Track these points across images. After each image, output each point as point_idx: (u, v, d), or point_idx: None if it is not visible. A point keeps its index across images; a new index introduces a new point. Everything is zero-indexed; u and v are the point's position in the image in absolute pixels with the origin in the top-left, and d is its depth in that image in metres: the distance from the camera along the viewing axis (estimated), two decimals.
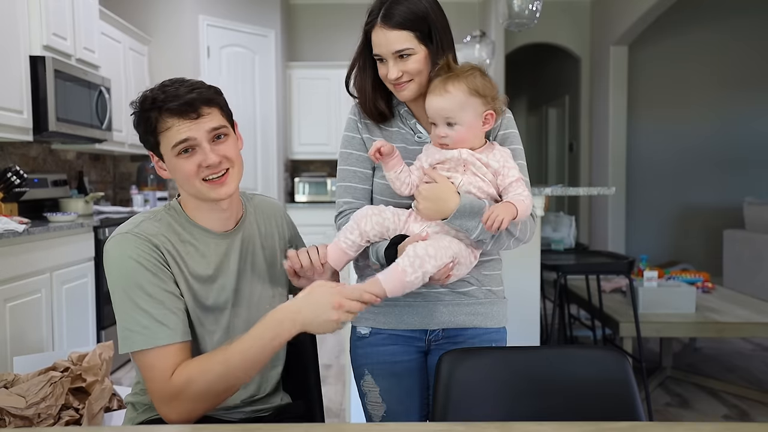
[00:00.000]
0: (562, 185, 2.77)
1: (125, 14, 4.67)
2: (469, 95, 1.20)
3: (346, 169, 1.37)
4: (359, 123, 1.37)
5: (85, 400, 1.72)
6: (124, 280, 1.12)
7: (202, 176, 1.16)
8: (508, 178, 1.21)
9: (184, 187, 1.20)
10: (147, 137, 1.18)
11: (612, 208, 6.12)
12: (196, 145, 1.15)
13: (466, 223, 1.18)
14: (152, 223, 1.19)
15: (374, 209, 1.25)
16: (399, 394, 1.37)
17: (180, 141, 1.14)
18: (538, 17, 3.09)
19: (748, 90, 6.25)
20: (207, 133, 1.15)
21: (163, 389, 1.08)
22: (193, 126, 1.14)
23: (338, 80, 5.81)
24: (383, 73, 1.29)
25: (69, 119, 3.38)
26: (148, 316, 1.10)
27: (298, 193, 5.77)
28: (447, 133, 1.21)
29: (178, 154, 1.15)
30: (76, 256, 3.08)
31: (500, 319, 1.38)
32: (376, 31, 1.26)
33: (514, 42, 6.32)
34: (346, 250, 1.25)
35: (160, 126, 1.14)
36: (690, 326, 3.02)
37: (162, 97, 1.13)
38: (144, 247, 1.14)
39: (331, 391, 3.14)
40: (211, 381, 1.07)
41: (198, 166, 1.16)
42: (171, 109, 1.13)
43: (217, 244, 1.24)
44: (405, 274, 1.13)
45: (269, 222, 1.35)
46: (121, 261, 1.13)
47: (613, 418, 1.09)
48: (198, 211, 1.23)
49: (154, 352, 1.09)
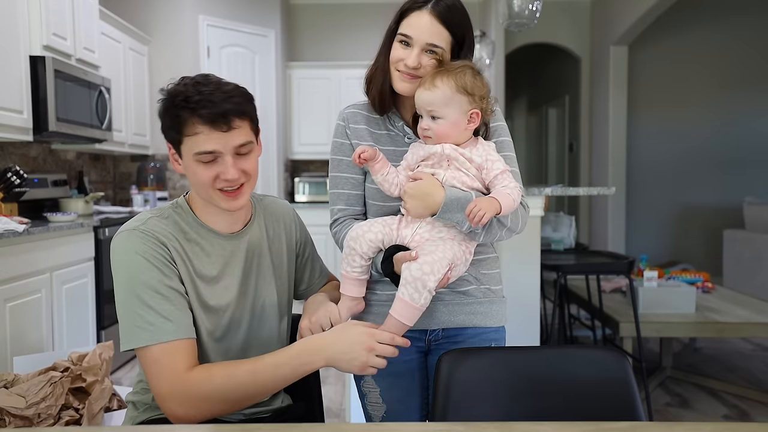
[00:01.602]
0: (562, 185, 2.77)
1: (125, 14, 4.67)
2: (455, 92, 1.20)
3: (338, 176, 1.37)
4: (347, 129, 1.36)
5: (85, 400, 1.72)
6: (130, 277, 1.11)
7: (218, 186, 1.15)
8: (493, 171, 1.22)
9: (196, 190, 1.19)
10: (170, 132, 1.15)
11: (612, 208, 6.12)
12: (219, 156, 1.13)
13: (456, 215, 1.19)
14: (159, 221, 1.17)
15: (363, 228, 1.25)
16: (399, 394, 1.37)
17: (205, 152, 1.11)
18: (538, 17, 3.09)
19: (748, 90, 6.25)
20: (234, 148, 1.13)
21: (174, 384, 1.06)
22: (222, 138, 1.11)
23: (338, 80, 5.81)
24: (400, 56, 1.26)
25: (69, 119, 3.38)
26: (154, 312, 1.08)
27: (298, 193, 5.77)
28: (430, 126, 1.22)
29: (198, 161, 1.13)
30: (76, 256, 3.08)
31: (500, 318, 1.38)
32: (419, 14, 1.24)
33: (514, 42, 6.32)
34: (359, 277, 1.27)
35: (188, 128, 1.11)
36: (690, 326, 3.02)
37: (196, 98, 1.09)
38: (151, 243, 1.12)
39: (331, 391, 3.14)
40: (233, 386, 1.06)
41: (216, 176, 1.14)
42: (203, 116, 1.09)
43: (222, 245, 1.23)
44: (413, 301, 1.16)
45: (278, 224, 1.34)
46: (128, 257, 1.12)
47: (613, 418, 1.09)
48: (206, 212, 1.22)
49: (159, 348, 1.07)
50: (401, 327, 1.18)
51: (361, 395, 1.41)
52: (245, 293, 1.24)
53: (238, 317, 1.23)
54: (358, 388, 1.41)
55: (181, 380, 1.06)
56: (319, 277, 1.42)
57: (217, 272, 1.21)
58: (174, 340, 1.08)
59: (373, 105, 1.35)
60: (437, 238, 1.22)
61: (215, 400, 1.06)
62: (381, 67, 1.31)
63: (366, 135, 1.35)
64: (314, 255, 1.42)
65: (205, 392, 1.06)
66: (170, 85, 1.15)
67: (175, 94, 1.12)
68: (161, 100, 1.14)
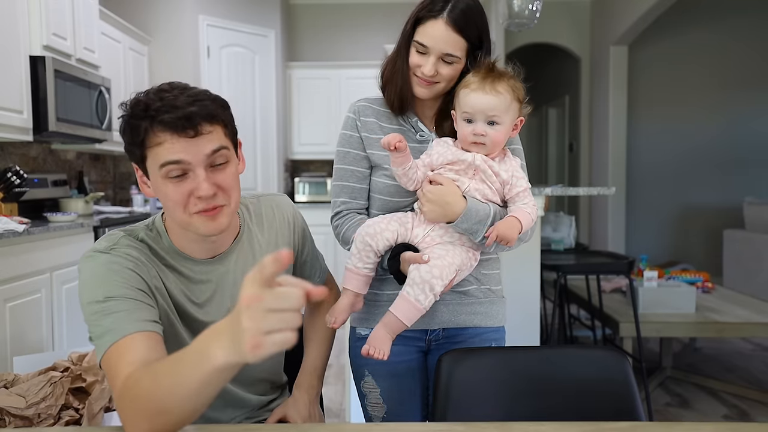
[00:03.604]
0: (562, 185, 2.76)
1: (125, 14, 4.67)
2: (513, 99, 1.21)
3: (344, 168, 1.36)
4: (358, 121, 1.35)
5: (85, 400, 1.72)
6: (92, 295, 0.96)
7: (193, 210, 1.00)
8: (516, 188, 1.22)
9: (171, 216, 1.05)
10: (132, 148, 1.01)
11: (612, 208, 6.12)
12: (189, 170, 0.98)
13: (473, 226, 1.19)
14: (131, 241, 1.04)
15: (380, 225, 1.23)
16: (400, 394, 1.36)
17: (170, 161, 0.97)
18: (538, 17, 3.09)
19: (748, 90, 6.25)
20: (205, 156, 0.98)
21: (114, 389, 0.88)
22: (189, 146, 0.97)
23: (338, 80, 5.81)
24: (417, 62, 1.25)
25: (69, 119, 3.38)
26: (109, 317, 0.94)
27: (298, 193, 5.77)
28: (486, 132, 1.20)
29: (166, 176, 0.98)
30: (76, 256, 3.08)
31: (500, 318, 1.38)
32: (435, 23, 1.22)
33: (514, 42, 6.33)
34: (369, 274, 1.25)
35: (150, 139, 0.97)
36: (690, 326, 3.02)
37: (157, 105, 0.96)
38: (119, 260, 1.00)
39: (331, 391, 3.14)
40: (142, 390, 0.83)
41: (188, 194, 0.99)
42: (165, 122, 0.96)
43: (206, 270, 1.11)
44: (418, 303, 1.15)
45: (270, 230, 1.24)
46: (92, 277, 0.98)
47: (613, 418, 1.09)
48: (182, 238, 1.08)
49: (114, 348, 0.91)
50: (400, 326, 1.17)
51: (361, 396, 1.40)
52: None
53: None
54: (358, 389, 1.40)
55: (117, 377, 0.89)
56: (319, 278, 1.41)
57: (204, 299, 1.12)
58: (123, 337, 0.91)
59: (390, 106, 1.34)
60: (447, 242, 1.22)
61: (134, 407, 0.84)
62: (400, 71, 1.30)
63: (376, 128, 1.34)
64: (314, 253, 1.38)
65: (130, 393, 0.85)
66: (131, 95, 1.02)
67: (134, 104, 0.99)
68: (121, 116, 1.01)
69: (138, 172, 1.05)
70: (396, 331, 1.18)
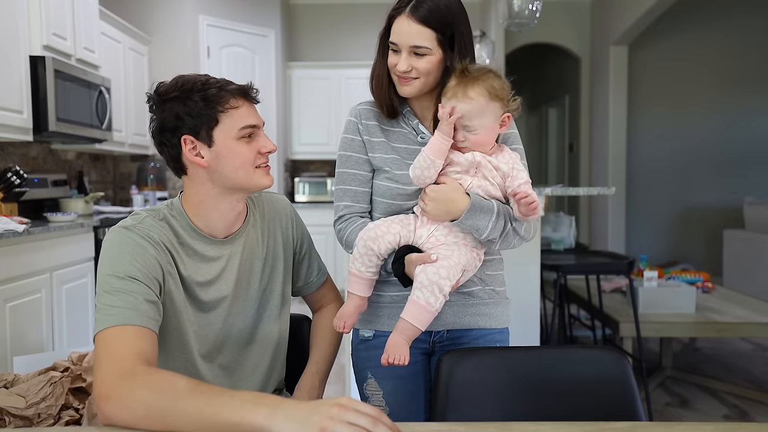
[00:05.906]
0: (562, 185, 2.77)
1: (125, 14, 4.67)
2: (489, 99, 1.19)
3: (346, 172, 1.35)
4: (360, 125, 1.35)
5: (85, 400, 1.72)
6: (112, 268, 1.05)
7: (258, 162, 1.16)
8: (517, 180, 1.21)
9: (233, 173, 1.14)
10: (200, 118, 1.10)
11: (612, 208, 6.12)
12: (256, 132, 1.16)
13: (477, 222, 1.18)
14: (154, 221, 1.14)
15: (382, 228, 1.23)
16: (403, 397, 1.35)
17: (249, 125, 1.14)
18: (538, 17, 3.09)
19: (748, 90, 6.25)
20: (263, 122, 1.19)
21: (117, 365, 0.93)
22: (255, 112, 1.16)
23: (338, 80, 5.82)
24: (393, 62, 1.27)
25: (69, 119, 3.38)
26: (121, 298, 1.01)
27: (298, 193, 5.77)
28: (465, 137, 1.21)
29: (241, 137, 1.14)
30: (76, 256, 3.08)
31: (504, 319, 1.38)
32: (400, 20, 1.24)
33: (514, 42, 6.33)
34: (373, 277, 1.25)
35: (225, 103, 1.11)
36: (690, 326, 3.02)
37: (213, 81, 1.12)
38: (143, 242, 1.09)
39: (331, 391, 3.13)
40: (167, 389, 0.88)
41: (257, 152, 1.16)
42: (234, 91, 1.13)
43: (217, 249, 1.20)
44: (429, 305, 1.15)
45: (273, 222, 1.31)
46: (116, 251, 1.07)
47: (613, 418, 1.08)
48: (201, 216, 1.18)
49: (117, 330, 0.98)
50: (414, 330, 1.17)
51: (363, 398, 1.38)
52: (238, 295, 1.22)
53: (231, 316, 1.22)
54: (361, 392, 1.39)
55: (124, 360, 0.93)
56: (317, 276, 1.41)
57: (212, 277, 1.18)
58: (134, 325, 0.99)
59: (381, 111, 1.34)
60: (452, 242, 1.22)
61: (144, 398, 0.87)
62: (380, 74, 1.31)
63: (377, 131, 1.34)
64: (312, 252, 1.40)
65: (142, 383, 0.89)
66: (162, 83, 1.14)
67: (191, 80, 1.12)
68: (174, 96, 1.11)
69: (188, 145, 1.13)
70: (411, 337, 1.17)
